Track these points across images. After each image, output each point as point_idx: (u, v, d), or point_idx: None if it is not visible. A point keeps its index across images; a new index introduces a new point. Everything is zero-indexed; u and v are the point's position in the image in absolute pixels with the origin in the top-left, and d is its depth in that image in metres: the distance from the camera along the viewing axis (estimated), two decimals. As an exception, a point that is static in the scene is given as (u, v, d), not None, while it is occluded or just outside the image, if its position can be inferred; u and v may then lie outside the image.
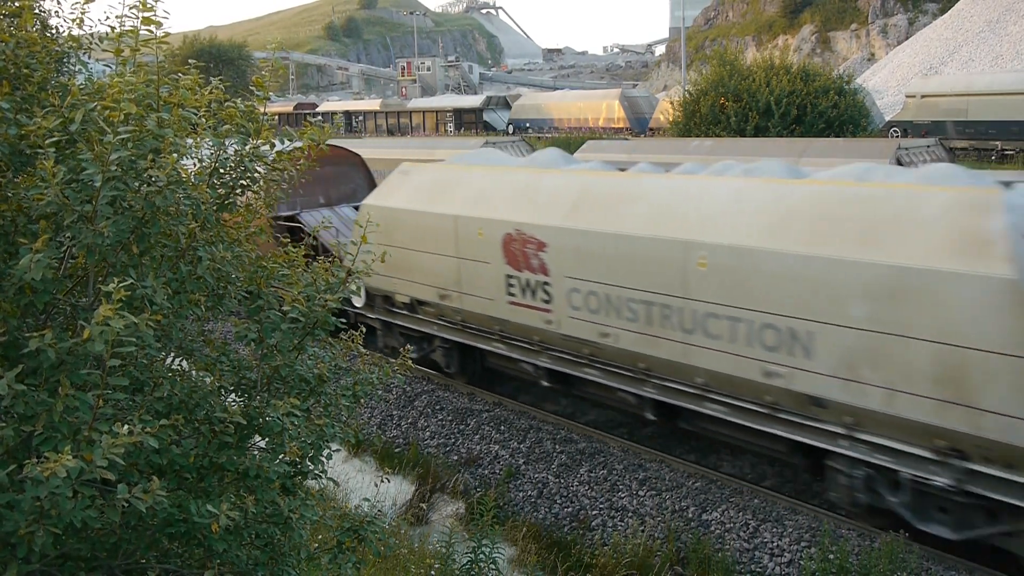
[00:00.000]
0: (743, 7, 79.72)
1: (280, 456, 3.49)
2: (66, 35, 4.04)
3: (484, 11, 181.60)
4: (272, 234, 4.47)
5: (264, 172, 3.92)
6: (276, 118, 7.59)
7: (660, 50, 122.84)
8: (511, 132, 51.41)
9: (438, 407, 11.41)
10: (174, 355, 3.77)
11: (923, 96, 35.74)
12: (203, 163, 3.75)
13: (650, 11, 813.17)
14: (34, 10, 3.79)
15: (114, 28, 3.44)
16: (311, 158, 4.20)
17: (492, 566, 6.60)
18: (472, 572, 6.55)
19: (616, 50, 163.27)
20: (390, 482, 9.20)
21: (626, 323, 8.86)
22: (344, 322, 4.40)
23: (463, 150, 19.07)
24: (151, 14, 3.38)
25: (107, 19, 3.50)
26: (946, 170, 7.93)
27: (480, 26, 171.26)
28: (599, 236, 8.95)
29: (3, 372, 2.70)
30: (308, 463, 3.75)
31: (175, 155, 3.21)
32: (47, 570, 3.07)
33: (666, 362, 8.64)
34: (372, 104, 68.36)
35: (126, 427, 2.69)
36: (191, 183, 3.48)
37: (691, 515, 8.36)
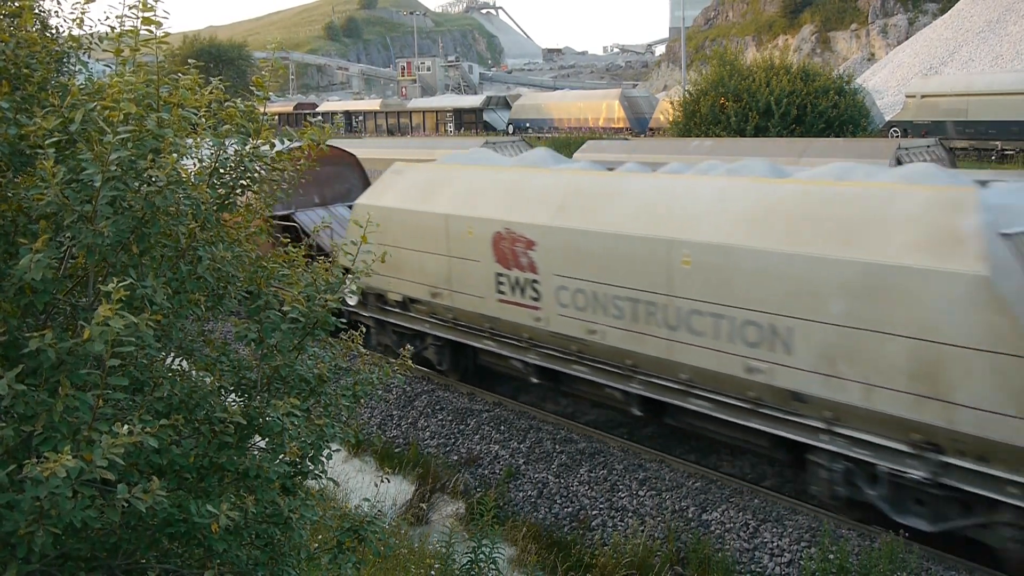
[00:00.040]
0: (743, 7, 79.73)
1: (280, 456, 3.49)
2: (66, 35, 4.04)
3: (484, 11, 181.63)
4: (272, 234, 4.47)
5: (264, 172, 3.92)
6: (276, 118, 7.59)
7: (660, 50, 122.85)
8: (511, 132, 51.41)
9: (438, 407, 11.41)
10: (174, 355, 3.76)
11: (923, 96, 35.77)
12: (203, 163, 3.75)
13: (650, 11, 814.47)
14: (34, 10, 3.79)
15: (114, 28, 3.44)
16: (311, 158, 4.20)
17: (492, 566, 6.60)
18: (472, 572, 6.55)
19: (616, 50, 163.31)
20: (390, 482, 9.20)
21: (613, 320, 8.98)
22: (344, 322, 4.40)
23: (463, 150, 19.09)
24: (151, 14, 3.38)
25: (107, 19, 3.50)
26: (924, 169, 8.06)
27: (480, 26, 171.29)
28: (586, 234, 9.07)
29: (3, 372, 2.70)
30: (308, 463, 3.75)
31: (175, 155, 3.22)
32: (47, 570, 3.07)
33: (651, 358, 8.75)
34: (372, 104, 68.39)
35: (126, 427, 2.69)
36: (191, 183, 3.48)
37: (691, 515, 8.36)
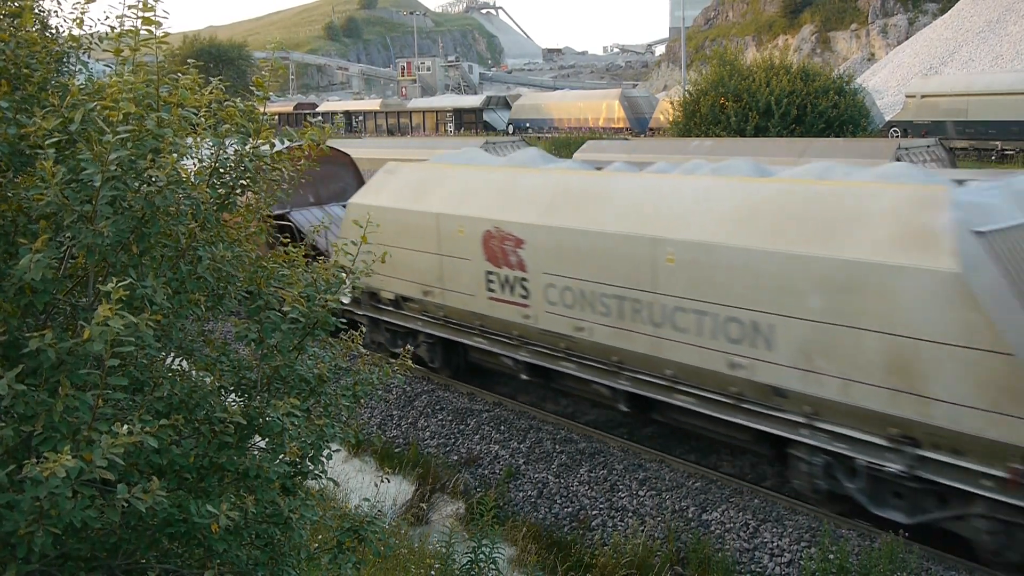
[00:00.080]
0: (743, 7, 79.71)
1: (280, 456, 3.49)
2: (66, 35, 4.03)
3: (484, 11, 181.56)
4: (272, 234, 4.47)
5: (265, 171, 3.92)
6: (276, 118, 7.61)
7: (660, 50, 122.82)
8: (511, 132, 51.39)
9: (438, 407, 11.41)
10: (174, 355, 3.76)
11: (923, 96, 35.77)
12: (203, 163, 3.75)
13: (650, 11, 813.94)
14: (34, 10, 3.78)
15: (114, 28, 3.43)
16: (311, 158, 4.21)
17: (492, 566, 6.59)
18: (472, 572, 6.54)
19: (616, 50, 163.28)
20: (390, 482, 9.20)
21: (600, 317, 9.12)
22: (344, 322, 4.40)
23: (455, 150, 19.18)
24: (151, 14, 3.38)
25: (107, 19, 3.50)
26: (902, 169, 8.22)
27: (480, 26, 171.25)
28: (574, 233, 9.22)
29: (3, 372, 2.70)
30: (308, 463, 3.75)
31: (175, 155, 3.21)
32: (47, 570, 3.07)
33: (637, 355, 8.91)
34: (372, 104, 68.36)
35: (126, 427, 2.69)
36: (191, 183, 3.48)
37: (691, 515, 8.36)
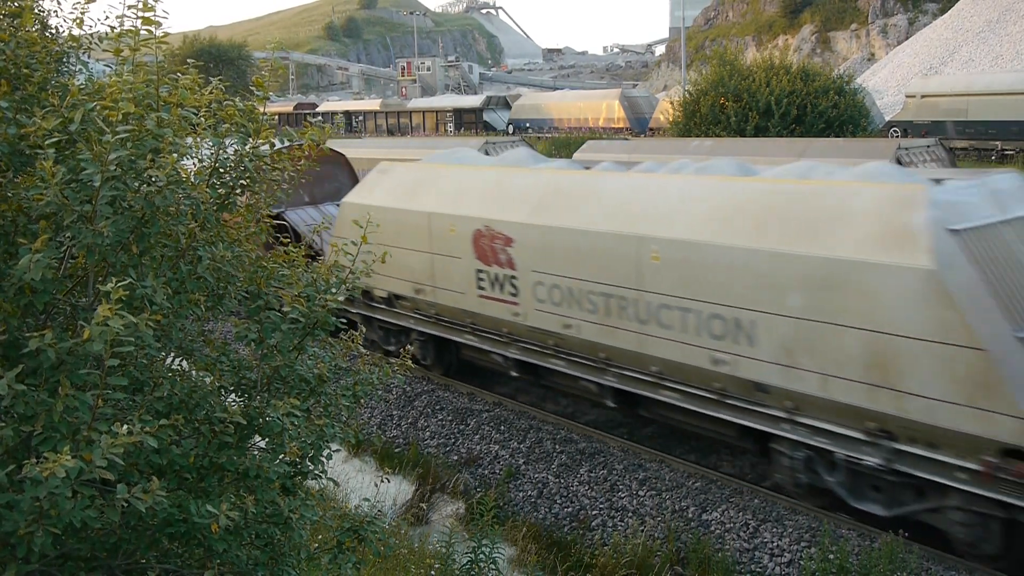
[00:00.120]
0: (743, 7, 79.71)
1: (280, 456, 3.49)
2: (66, 35, 4.04)
3: (484, 11, 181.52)
4: (272, 234, 4.47)
5: (265, 171, 3.92)
6: (276, 118, 7.60)
7: (660, 50, 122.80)
8: (511, 132, 51.39)
9: (438, 407, 11.42)
10: (174, 355, 3.76)
11: (923, 96, 35.76)
12: (203, 163, 3.75)
13: (650, 11, 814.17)
14: (34, 10, 3.78)
15: (114, 28, 3.43)
16: (311, 158, 4.21)
17: (492, 566, 6.59)
18: (472, 572, 6.54)
19: (616, 50, 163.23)
20: (390, 482, 9.20)
21: (587, 315, 9.26)
22: (344, 322, 4.40)
23: (445, 150, 19.33)
24: (151, 14, 3.38)
25: (107, 19, 3.50)
26: (882, 168, 8.36)
27: (480, 26, 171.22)
28: (562, 231, 9.36)
29: (3, 372, 2.70)
30: (308, 463, 3.75)
31: (175, 155, 3.21)
32: (47, 570, 3.07)
33: (624, 351, 9.04)
34: (372, 104, 68.34)
35: (125, 427, 2.68)
36: (191, 183, 3.48)
37: (691, 515, 8.36)
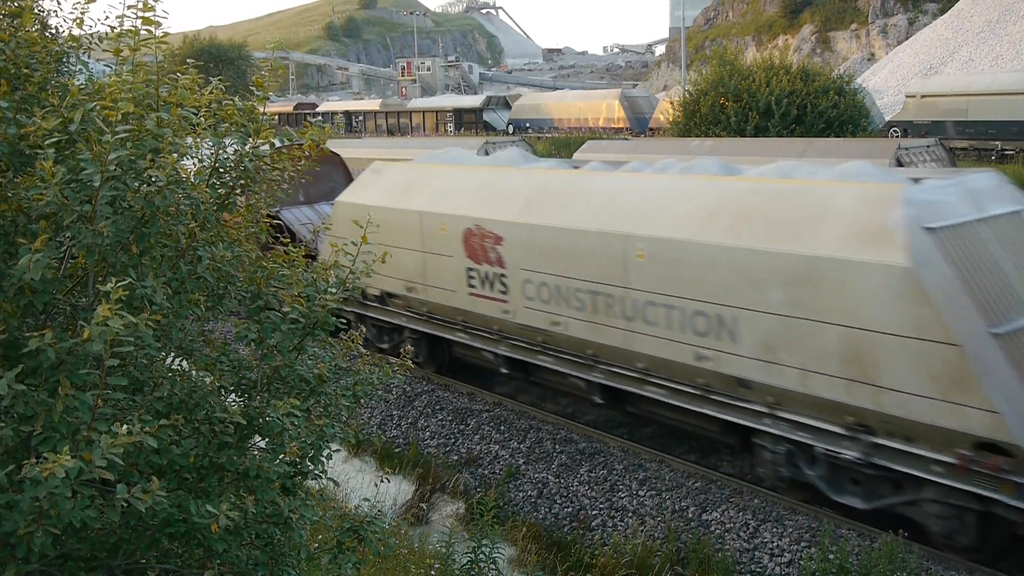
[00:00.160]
0: (743, 7, 79.68)
1: (280, 456, 3.49)
2: (66, 35, 4.03)
3: (484, 11, 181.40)
4: (272, 234, 4.47)
5: (265, 171, 3.91)
6: (276, 118, 7.61)
7: (660, 50, 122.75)
8: (511, 132, 51.37)
9: (438, 407, 11.42)
10: (174, 355, 3.76)
11: (923, 96, 35.71)
12: (203, 163, 3.75)
13: (650, 11, 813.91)
14: (34, 10, 3.78)
15: (114, 28, 3.43)
16: (311, 158, 4.21)
17: (492, 566, 6.59)
18: (472, 572, 6.54)
19: (616, 50, 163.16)
20: (390, 482, 9.21)
21: (575, 312, 9.39)
22: (344, 321, 4.40)
23: (437, 150, 19.49)
24: (151, 14, 3.37)
25: (107, 19, 3.50)
26: (861, 168, 8.49)
27: (480, 26, 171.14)
28: (550, 230, 9.50)
29: (3, 372, 2.70)
30: (308, 463, 3.75)
31: (175, 155, 3.21)
32: (47, 570, 3.07)
33: (611, 348, 9.16)
34: (372, 104, 68.29)
35: (125, 427, 2.68)
36: (191, 183, 3.48)
37: (691, 515, 8.36)
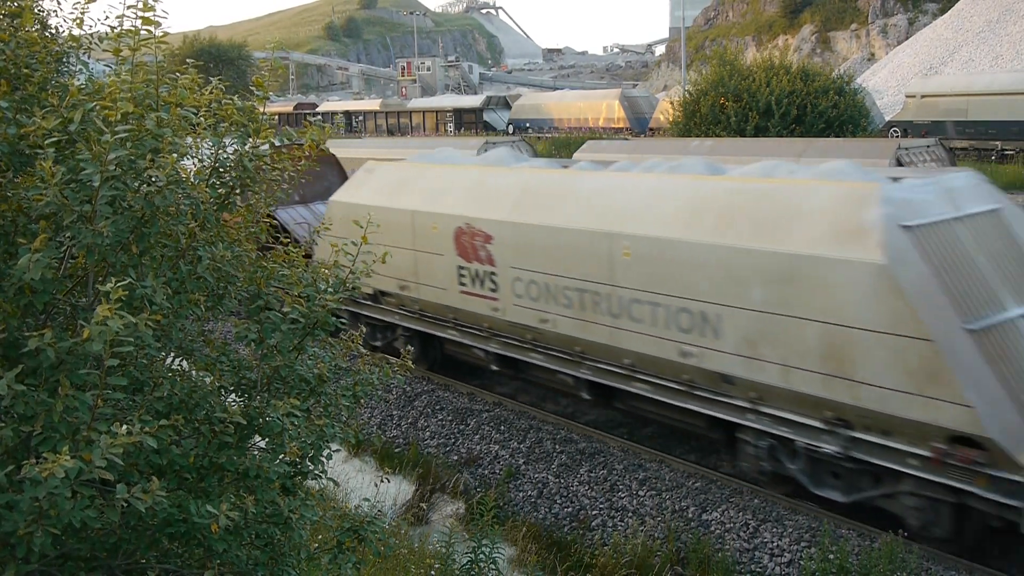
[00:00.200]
0: (743, 7, 79.66)
1: (280, 456, 3.49)
2: (66, 35, 4.03)
3: (484, 11, 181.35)
4: (272, 234, 4.47)
5: (264, 171, 3.91)
6: (276, 118, 7.61)
7: (660, 50, 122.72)
8: (511, 132, 51.37)
9: (438, 407, 11.42)
10: (174, 355, 3.76)
11: (923, 96, 35.69)
12: (203, 163, 3.74)
13: (650, 11, 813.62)
14: (34, 10, 3.78)
15: (114, 28, 3.43)
16: (311, 158, 4.21)
17: (492, 566, 6.59)
18: (472, 572, 6.54)
19: (616, 50, 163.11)
20: (390, 482, 9.20)
21: (563, 309, 9.51)
22: (344, 322, 4.40)
23: (429, 150, 19.64)
24: (150, 14, 3.37)
25: (107, 19, 3.50)
26: (841, 167, 8.62)
27: (480, 26, 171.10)
28: (539, 229, 9.63)
29: (3, 372, 2.70)
30: (308, 463, 3.75)
31: (175, 155, 3.21)
32: (47, 570, 3.07)
33: (598, 345, 9.27)
34: (372, 104, 68.28)
35: (125, 427, 2.68)
36: (191, 183, 3.47)
37: (691, 515, 8.36)
